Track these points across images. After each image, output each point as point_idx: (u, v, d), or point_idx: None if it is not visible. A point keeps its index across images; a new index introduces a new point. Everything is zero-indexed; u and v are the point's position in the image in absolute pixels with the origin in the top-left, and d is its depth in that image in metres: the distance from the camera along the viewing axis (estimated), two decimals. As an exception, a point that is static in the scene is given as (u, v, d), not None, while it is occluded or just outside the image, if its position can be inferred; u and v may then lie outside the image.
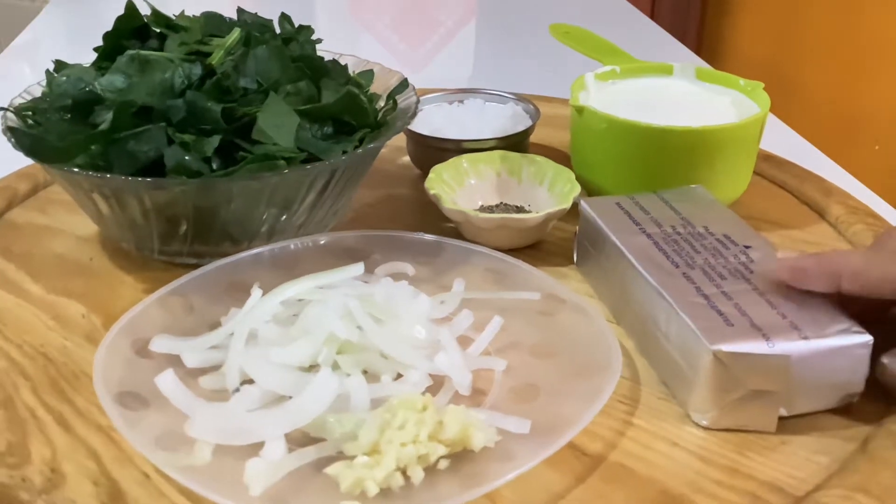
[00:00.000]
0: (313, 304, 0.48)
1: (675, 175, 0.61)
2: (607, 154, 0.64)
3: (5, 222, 0.65)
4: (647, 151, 0.62)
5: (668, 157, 0.61)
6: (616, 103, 0.65)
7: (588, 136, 0.65)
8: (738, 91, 0.68)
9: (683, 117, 0.61)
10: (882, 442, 0.43)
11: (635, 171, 0.63)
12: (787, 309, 0.45)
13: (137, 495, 0.41)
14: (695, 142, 0.61)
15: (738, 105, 0.66)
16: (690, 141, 0.61)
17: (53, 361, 0.50)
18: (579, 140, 0.67)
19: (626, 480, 0.41)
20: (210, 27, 0.61)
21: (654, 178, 0.61)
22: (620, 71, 0.71)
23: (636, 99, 0.68)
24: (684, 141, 0.61)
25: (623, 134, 0.62)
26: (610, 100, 0.66)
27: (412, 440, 0.40)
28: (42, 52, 1.13)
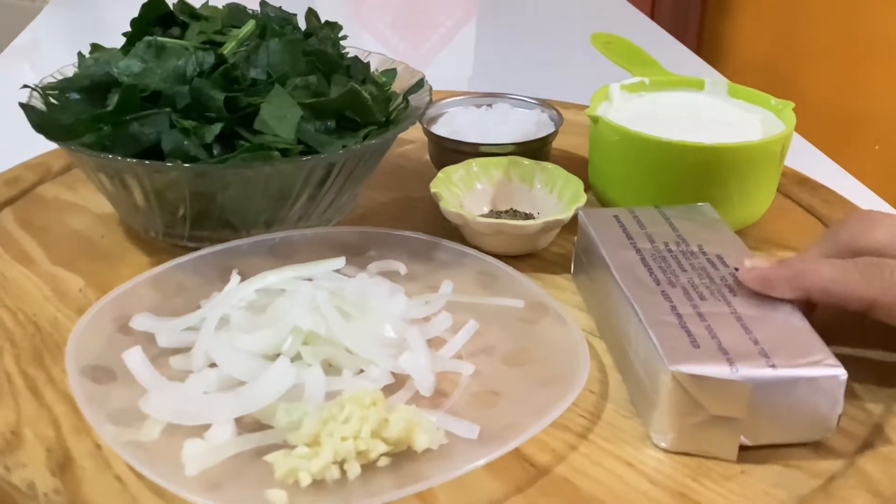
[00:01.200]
0: (285, 295, 0.48)
1: (688, 192, 0.59)
2: (620, 167, 0.63)
3: (34, 196, 0.68)
4: (658, 166, 0.60)
5: (679, 173, 0.60)
6: (638, 116, 0.64)
7: (602, 147, 0.64)
8: (768, 110, 0.65)
9: (705, 134, 0.59)
10: (847, 482, 0.41)
11: (647, 186, 0.61)
12: (763, 335, 0.44)
13: (85, 465, 0.42)
14: (707, 159, 0.59)
15: (766, 124, 0.63)
16: (703, 158, 0.59)
17: (41, 331, 0.52)
18: (594, 150, 0.65)
19: (566, 494, 0.41)
20: (232, 18, 0.62)
21: (665, 193, 0.60)
22: (649, 83, 0.69)
23: (660, 113, 0.66)
24: (696, 158, 0.59)
25: (635, 147, 0.60)
26: (633, 112, 0.65)
27: (353, 435, 0.40)
28: (42, 52, 1.16)
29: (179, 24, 0.62)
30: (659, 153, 0.59)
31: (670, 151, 0.59)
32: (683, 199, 0.58)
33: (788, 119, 0.62)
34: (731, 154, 0.59)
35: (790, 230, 0.64)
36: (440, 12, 1.29)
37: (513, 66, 1.12)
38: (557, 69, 1.10)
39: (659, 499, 0.40)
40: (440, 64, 1.16)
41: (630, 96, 0.68)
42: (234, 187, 0.54)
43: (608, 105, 0.67)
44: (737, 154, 0.59)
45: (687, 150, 0.59)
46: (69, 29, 1.25)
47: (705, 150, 0.58)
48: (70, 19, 1.28)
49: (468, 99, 0.75)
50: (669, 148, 0.59)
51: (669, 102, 0.68)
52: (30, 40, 1.19)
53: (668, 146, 0.59)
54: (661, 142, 0.59)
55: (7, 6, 1.66)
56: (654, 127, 0.60)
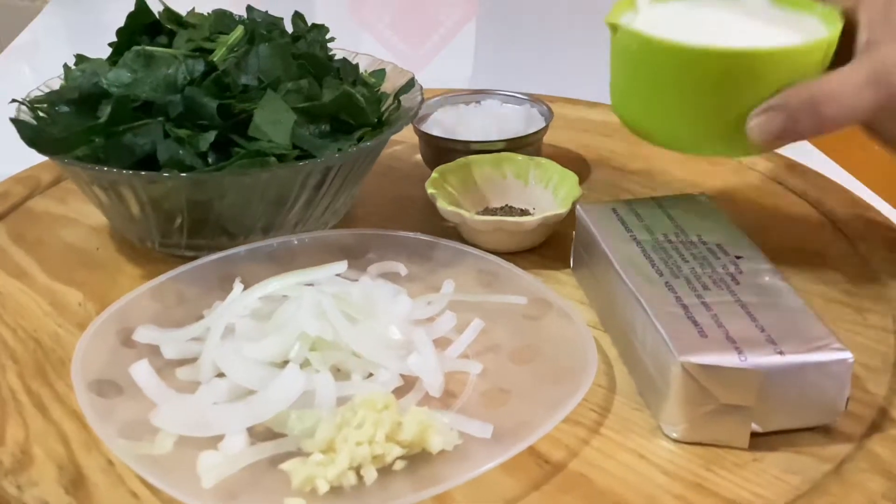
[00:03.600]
0: (289, 301, 0.48)
1: (720, 109, 0.51)
2: (642, 82, 0.53)
3: (25, 210, 0.67)
4: (684, 78, 0.51)
5: (709, 86, 0.50)
6: (666, 25, 0.53)
7: (622, 60, 0.54)
8: (816, 17, 0.54)
9: (742, 41, 0.50)
10: (859, 464, 0.42)
11: (673, 103, 0.52)
12: (768, 322, 0.44)
13: (98, 481, 0.41)
14: (738, 67, 0.49)
15: (812, 33, 0.52)
16: (733, 66, 0.49)
17: (43, 346, 0.51)
18: (614, 66, 0.56)
19: (583, 490, 0.41)
20: (219, 25, 0.62)
21: (693, 111, 0.52)
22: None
23: (692, 22, 0.55)
24: (726, 65, 0.49)
25: (657, 56, 0.51)
26: (659, 21, 0.54)
27: (368, 440, 0.40)
28: (42, 52, 1.15)
29: (166, 32, 0.61)
30: (684, 62, 0.50)
31: (696, 59, 0.50)
32: (715, 117, 0.51)
33: (834, 25, 0.52)
34: (765, 61, 0.49)
35: (784, 216, 0.65)
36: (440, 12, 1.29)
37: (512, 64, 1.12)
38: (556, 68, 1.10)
39: (674, 490, 0.41)
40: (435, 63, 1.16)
41: (658, 6, 0.57)
42: (231, 195, 0.54)
43: (632, 15, 0.56)
44: (772, 61, 0.49)
45: (715, 57, 0.49)
46: (69, 29, 1.24)
47: (736, 57, 0.49)
48: (70, 20, 1.27)
49: (456, 97, 0.75)
50: (695, 55, 0.50)
51: (703, 10, 0.57)
52: (30, 40, 1.18)
53: (693, 53, 0.50)
54: (685, 48, 0.50)
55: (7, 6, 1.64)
56: (682, 34, 0.51)
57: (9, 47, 1.12)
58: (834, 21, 0.52)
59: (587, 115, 0.81)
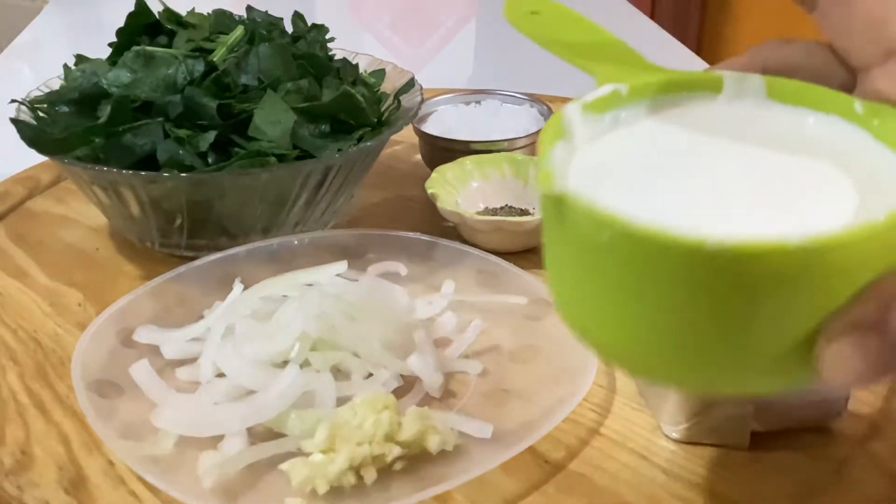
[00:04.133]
0: (289, 301, 0.48)
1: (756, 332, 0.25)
2: (619, 295, 0.27)
3: (24, 210, 0.68)
4: (700, 293, 0.25)
5: (741, 300, 0.25)
6: (622, 172, 0.30)
7: (578, 254, 0.27)
8: (854, 123, 0.30)
9: (759, 204, 0.27)
10: (859, 464, 0.42)
11: (682, 326, 0.26)
12: (768, 322, 0.43)
13: (98, 482, 0.41)
14: (794, 270, 0.24)
15: (863, 158, 0.29)
16: (785, 269, 0.24)
17: (43, 347, 0.51)
18: (560, 260, 0.28)
19: (583, 490, 0.41)
20: (219, 25, 0.62)
21: (715, 337, 0.26)
22: (627, 93, 0.33)
23: (660, 159, 0.30)
24: (772, 270, 0.24)
25: (648, 260, 0.25)
26: (610, 162, 0.30)
27: (368, 440, 0.40)
28: (42, 52, 1.15)
29: (166, 32, 0.61)
30: (697, 269, 0.24)
31: (722, 266, 0.24)
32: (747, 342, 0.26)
33: None
34: (839, 254, 0.24)
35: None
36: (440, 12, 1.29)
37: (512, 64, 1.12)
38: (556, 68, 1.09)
39: (675, 490, 0.41)
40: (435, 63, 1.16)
41: (600, 125, 0.32)
42: (231, 195, 0.54)
43: (568, 150, 0.30)
44: (850, 250, 0.24)
45: (755, 260, 0.24)
46: (69, 29, 1.24)
47: (790, 255, 0.23)
48: (70, 19, 1.27)
49: (457, 97, 0.75)
50: (719, 259, 0.24)
51: (669, 130, 0.32)
52: (30, 40, 1.18)
53: (714, 256, 0.24)
54: (702, 247, 0.24)
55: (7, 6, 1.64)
56: (656, 197, 0.28)
57: (9, 47, 1.12)
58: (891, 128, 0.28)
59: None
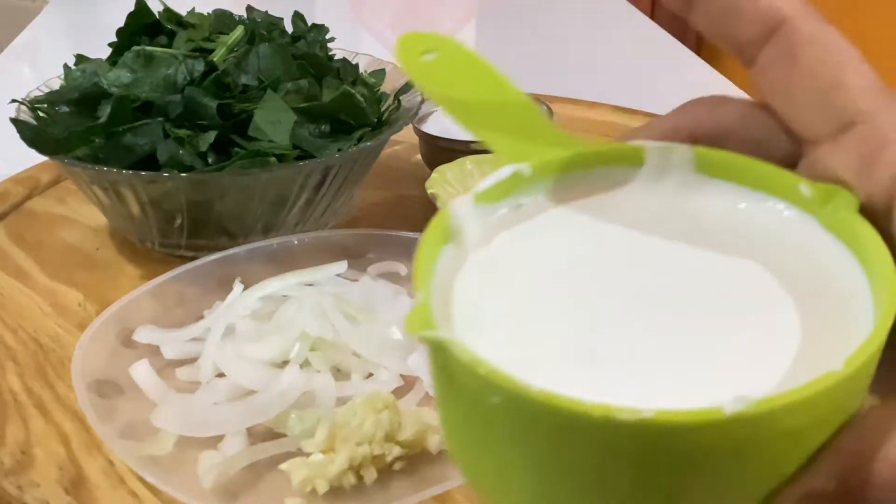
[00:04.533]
0: (290, 301, 0.48)
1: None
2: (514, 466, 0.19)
3: (25, 211, 0.67)
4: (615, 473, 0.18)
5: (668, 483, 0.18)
6: (513, 296, 0.21)
7: (467, 414, 0.19)
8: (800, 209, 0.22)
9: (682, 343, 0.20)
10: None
11: None
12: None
13: (98, 482, 0.41)
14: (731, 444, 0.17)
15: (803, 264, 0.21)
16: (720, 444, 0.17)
17: (43, 347, 0.51)
18: (449, 412, 0.21)
19: (583, 490, 0.41)
20: (219, 25, 0.62)
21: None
22: (530, 173, 0.23)
23: (559, 273, 0.22)
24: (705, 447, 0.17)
25: (550, 433, 0.18)
26: (500, 280, 0.22)
27: (368, 440, 0.40)
28: (42, 52, 1.15)
29: (166, 32, 0.61)
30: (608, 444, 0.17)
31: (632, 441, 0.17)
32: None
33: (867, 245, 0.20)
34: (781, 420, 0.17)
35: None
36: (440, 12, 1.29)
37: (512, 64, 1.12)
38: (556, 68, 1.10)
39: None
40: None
41: (495, 218, 0.23)
42: (231, 195, 0.54)
43: (455, 259, 0.22)
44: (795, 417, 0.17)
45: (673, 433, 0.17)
46: (69, 29, 1.24)
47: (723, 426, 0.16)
48: (70, 19, 1.27)
49: (457, 96, 0.74)
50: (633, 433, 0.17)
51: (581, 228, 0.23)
52: (30, 40, 1.17)
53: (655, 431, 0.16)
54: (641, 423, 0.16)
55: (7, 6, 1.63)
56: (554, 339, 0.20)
57: (9, 47, 1.12)
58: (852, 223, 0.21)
59: (587, 114, 0.81)
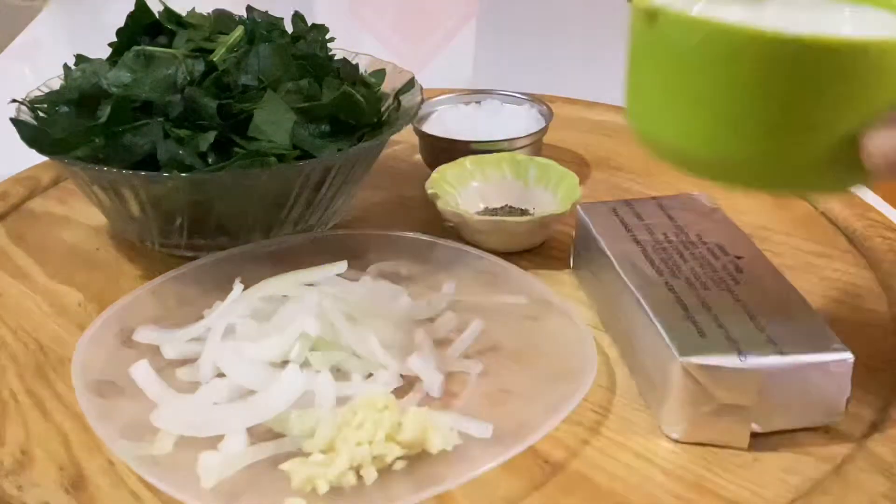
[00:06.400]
0: (290, 301, 0.48)
1: (803, 123, 0.36)
2: (704, 94, 0.37)
3: (25, 211, 0.68)
4: (776, 83, 0.35)
5: (810, 92, 0.35)
6: (717, 4, 0.39)
7: (663, 65, 0.38)
8: None
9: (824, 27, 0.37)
10: (859, 464, 0.42)
11: (751, 121, 0.36)
12: (769, 322, 0.44)
13: (99, 482, 0.41)
14: (859, 62, 0.34)
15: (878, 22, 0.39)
16: (853, 61, 0.34)
17: (43, 347, 0.51)
18: (646, 75, 0.39)
19: (584, 490, 0.41)
20: (219, 25, 0.62)
21: (781, 130, 0.36)
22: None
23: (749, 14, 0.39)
24: (845, 62, 0.34)
25: (734, 53, 0.35)
26: (711, 6, 0.39)
27: (368, 440, 0.40)
28: (42, 52, 1.15)
29: (166, 32, 0.61)
30: (778, 58, 0.34)
31: (801, 54, 0.34)
32: (802, 133, 0.36)
33: None
34: (877, 54, 0.34)
35: (784, 215, 0.65)
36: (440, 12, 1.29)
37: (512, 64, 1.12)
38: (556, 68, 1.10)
39: (675, 490, 0.41)
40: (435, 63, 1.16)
41: None
42: (231, 195, 0.54)
43: None
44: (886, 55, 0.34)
45: (830, 50, 0.34)
46: (69, 29, 1.23)
47: (861, 48, 0.34)
48: (70, 20, 1.26)
49: (457, 97, 0.75)
50: (801, 48, 0.34)
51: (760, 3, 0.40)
52: (30, 40, 1.17)
53: (796, 45, 0.34)
54: (785, 39, 0.34)
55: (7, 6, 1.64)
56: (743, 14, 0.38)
57: (9, 47, 1.12)
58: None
59: (587, 114, 0.81)
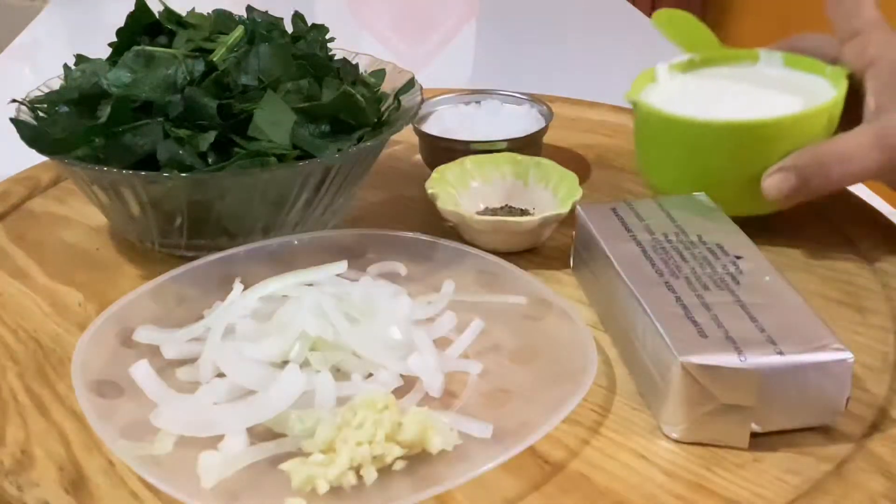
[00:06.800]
0: (290, 301, 0.48)
1: (729, 173, 0.57)
2: (661, 151, 0.61)
3: (24, 211, 0.68)
4: (697, 148, 0.57)
5: (717, 153, 0.57)
6: (682, 95, 0.62)
7: (642, 131, 0.62)
8: (823, 77, 0.60)
9: (750, 110, 0.56)
10: (859, 464, 0.42)
11: (689, 170, 0.59)
12: (768, 322, 0.44)
13: (99, 482, 0.41)
14: (746, 136, 0.56)
15: (819, 95, 0.58)
16: (741, 135, 0.56)
17: (43, 347, 0.51)
18: (636, 136, 0.63)
19: (583, 490, 0.41)
20: (219, 25, 0.62)
21: (707, 176, 0.58)
22: (699, 60, 0.65)
23: (707, 90, 0.62)
24: (734, 135, 0.56)
25: (669, 129, 0.58)
26: (677, 92, 0.63)
27: (368, 440, 0.40)
28: (42, 52, 1.15)
29: (166, 32, 0.61)
30: (694, 134, 0.57)
31: (704, 132, 0.56)
32: (729, 179, 0.57)
33: (840, 86, 0.57)
34: (766, 130, 0.55)
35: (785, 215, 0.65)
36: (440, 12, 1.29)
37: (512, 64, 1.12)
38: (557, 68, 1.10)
39: (675, 490, 0.41)
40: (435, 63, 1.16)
41: (678, 75, 0.65)
42: (231, 195, 0.54)
43: (652, 87, 0.64)
44: (772, 130, 0.55)
45: (719, 129, 0.56)
46: (69, 29, 1.24)
47: (741, 128, 0.55)
48: (70, 20, 1.27)
49: (457, 97, 0.75)
50: (701, 128, 0.56)
51: (719, 79, 0.64)
52: (30, 40, 1.17)
53: (699, 127, 0.56)
54: (693, 122, 0.56)
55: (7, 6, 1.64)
56: (699, 106, 0.58)
57: (9, 47, 1.12)
58: (839, 82, 0.57)
59: (587, 114, 0.81)
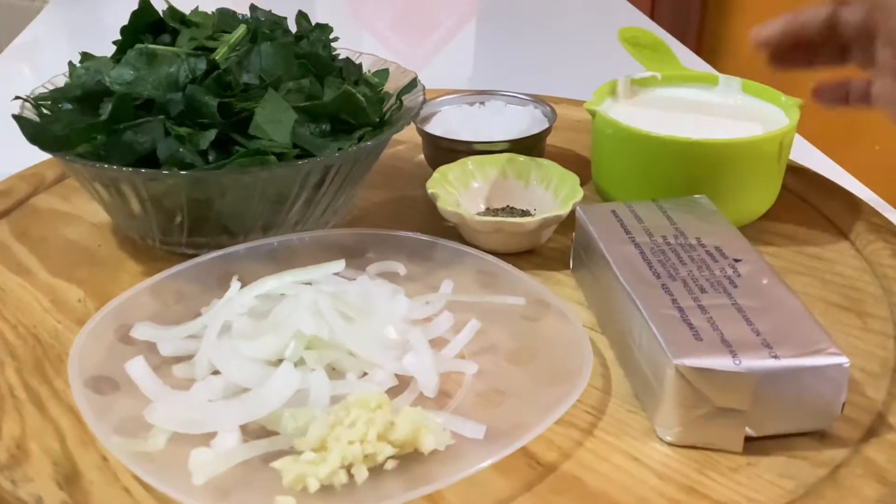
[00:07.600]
0: (286, 300, 0.48)
1: (683, 187, 0.58)
2: (616, 162, 0.63)
3: (29, 207, 0.68)
4: (651, 161, 0.60)
5: (672, 168, 0.59)
6: (642, 111, 0.64)
7: (599, 141, 0.64)
8: (778, 106, 0.64)
9: (706, 131, 0.59)
10: (854, 469, 0.42)
11: (642, 181, 0.61)
12: (764, 326, 0.44)
13: (93, 478, 0.42)
14: (697, 155, 0.59)
15: (773, 122, 0.62)
16: (691, 153, 0.58)
17: (42, 343, 0.51)
18: (594, 145, 0.65)
19: (576, 492, 0.41)
20: (222, 23, 0.62)
21: (660, 189, 0.59)
22: (661, 78, 0.69)
23: (666, 108, 0.66)
24: (685, 153, 0.59)
25: (627, 142, 0.60)
26: (637, 107, 0.65)
27: (360, 439, 0.40)
28: (42, 52, 1.15)
29: (170, 30, 0.62)
30: (649, 148, 0.59)
31: (660, 146, 0.59)
32: (679, 194, 0.57)
33: (793, 116, 0.61)
34: (719, 150, 0.58)
35: (785, 218, 0.64)
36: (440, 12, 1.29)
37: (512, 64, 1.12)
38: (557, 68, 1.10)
39: (667, 493, 0.41)
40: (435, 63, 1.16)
41: (639, 91, 0.68)
42: (231, 193, 0.54)
43: (612, 100, 0.67)
44: (726, 150, 0.58)
45: (675, 146, 0.58)
46: (69, 29, 1.24)
47: (693, 146, 0.58)
48: (70, 19, 1.27)
49: (461, 97, 0.75)
50: (658, 143, 0.58)
51: (678, 98, 0.67)
52: (30, 40, 1.18)
53: (656, 141, 0.58)
54: (650, 136, 0.58)
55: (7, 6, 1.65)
56: (655, 122, 0.60)
57: (9, 47, 1.13)
58: (793, 112, 0.62)
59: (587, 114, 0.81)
